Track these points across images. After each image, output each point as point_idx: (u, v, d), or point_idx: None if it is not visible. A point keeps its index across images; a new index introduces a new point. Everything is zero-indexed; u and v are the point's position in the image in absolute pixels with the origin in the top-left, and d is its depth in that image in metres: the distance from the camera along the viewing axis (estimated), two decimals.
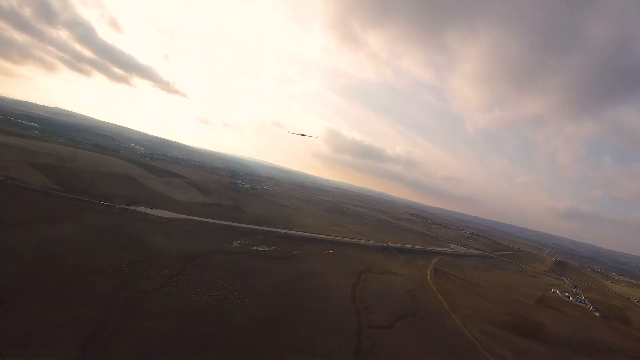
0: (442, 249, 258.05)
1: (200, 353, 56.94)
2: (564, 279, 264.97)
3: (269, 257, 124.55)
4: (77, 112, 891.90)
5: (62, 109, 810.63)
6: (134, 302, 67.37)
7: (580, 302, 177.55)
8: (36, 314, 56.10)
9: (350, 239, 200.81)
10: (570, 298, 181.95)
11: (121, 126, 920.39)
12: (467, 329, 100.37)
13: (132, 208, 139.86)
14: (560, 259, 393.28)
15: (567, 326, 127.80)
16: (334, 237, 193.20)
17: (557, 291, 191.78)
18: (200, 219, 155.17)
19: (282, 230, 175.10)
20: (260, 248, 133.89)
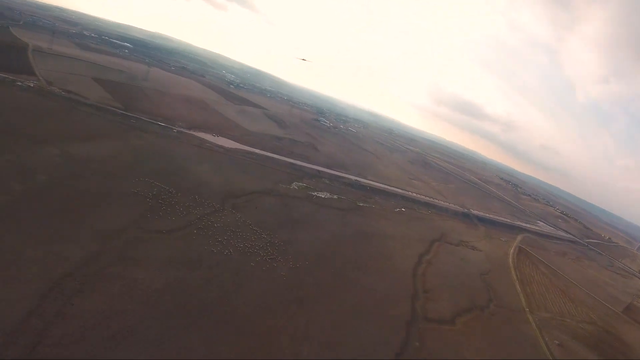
0: (529, 225, 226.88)
1: (185, 328, 45.36)
2: None
3: (328, 207, 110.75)
4: (175, 37, 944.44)
5: (161, 34, 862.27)
6: (136, 244, 58.00)
7: None
8: (14, 245, 48.88)
9: (428, 198, 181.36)
10: None
11: (217, 54, 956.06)
12: (543, 338, 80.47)
13: (191, 132, 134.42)
14: None
15: None
16: (410, 194, 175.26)
17: None
18: (264, 152, 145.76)
19: (353, 177, 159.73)
20: (321, 194, 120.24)
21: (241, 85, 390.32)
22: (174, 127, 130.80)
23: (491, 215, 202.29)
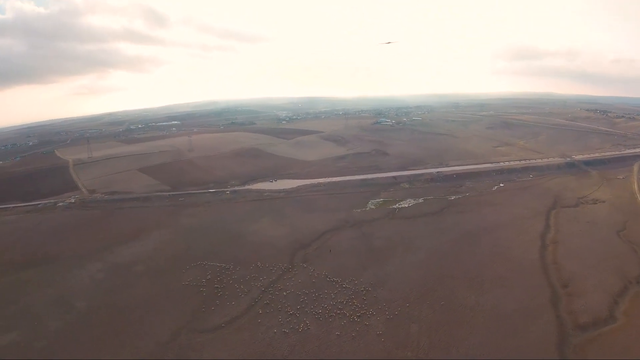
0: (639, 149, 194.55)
1: None
2: None
3: (415, 217, 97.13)
4: (220, 99, 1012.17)
5: (205, 101, 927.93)
6: (189, 354, 48.79)
7: None
8: None
9: (524, 161, 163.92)
10: None
11: (266, 97, 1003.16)
12: None
13: (246, 187, 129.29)
14: None
15: None
16: (502, 164, 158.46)
17: None
18: (330, 179, 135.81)
19: (434, 170, 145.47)
20: (404, 204, 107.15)
21: (294, 117, 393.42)
22: (226, 189, 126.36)
23: (596, 155, 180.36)
